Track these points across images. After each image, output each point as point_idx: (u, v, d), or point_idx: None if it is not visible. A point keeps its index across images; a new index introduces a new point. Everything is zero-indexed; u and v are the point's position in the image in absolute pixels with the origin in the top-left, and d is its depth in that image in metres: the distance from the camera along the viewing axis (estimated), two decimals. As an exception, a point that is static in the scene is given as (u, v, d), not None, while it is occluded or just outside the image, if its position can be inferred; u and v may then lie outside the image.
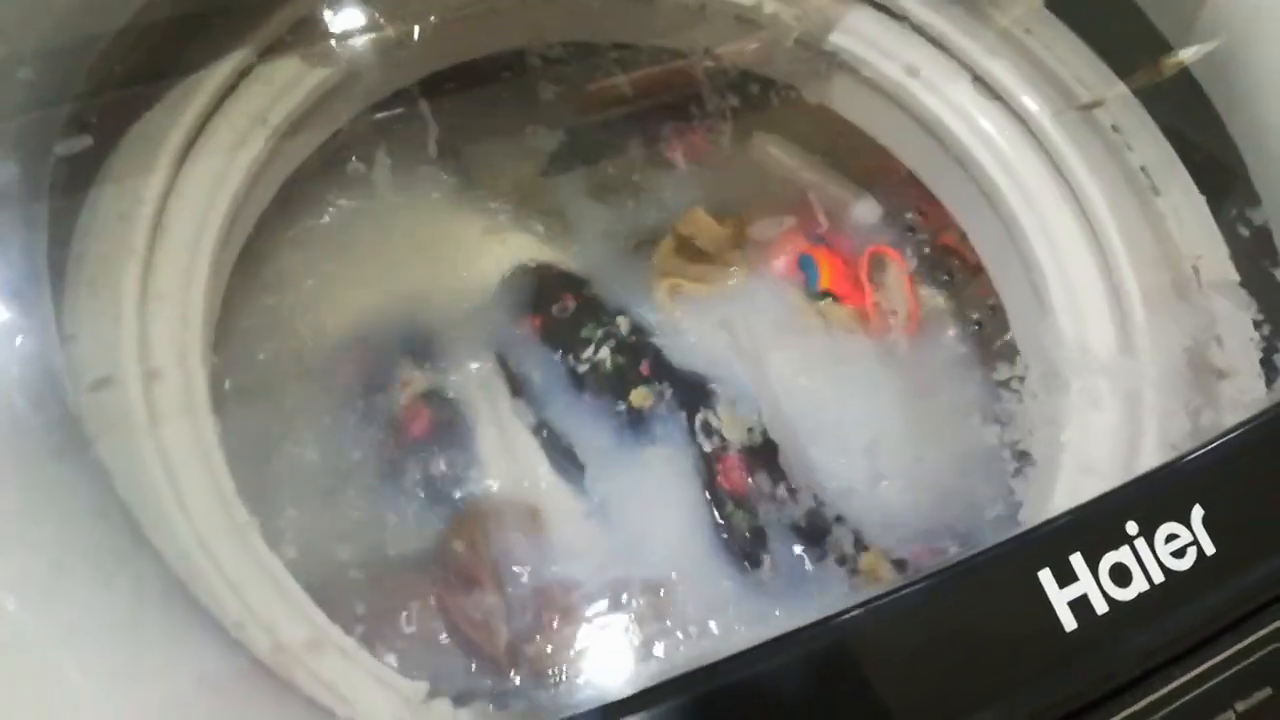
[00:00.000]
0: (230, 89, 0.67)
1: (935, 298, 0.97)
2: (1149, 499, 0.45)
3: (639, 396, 0.84)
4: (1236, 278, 0.75)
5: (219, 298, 0.68)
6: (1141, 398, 0.70)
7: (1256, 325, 0.72)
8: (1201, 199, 0.78)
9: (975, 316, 0.94)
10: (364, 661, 0.56)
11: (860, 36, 0.85)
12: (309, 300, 0.79)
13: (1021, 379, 0.81)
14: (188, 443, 0.59)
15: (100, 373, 0.58)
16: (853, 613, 0.41)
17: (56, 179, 0.59)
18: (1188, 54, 0.79)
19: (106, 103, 0.61)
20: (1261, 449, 0.48)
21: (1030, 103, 0.83)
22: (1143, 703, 0.41)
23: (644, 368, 0.86)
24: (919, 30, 0.85)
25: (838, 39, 0.85)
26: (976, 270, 0.91)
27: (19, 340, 0.50)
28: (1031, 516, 0.65)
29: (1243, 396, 0.67)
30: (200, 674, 0.44)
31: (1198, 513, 0.44)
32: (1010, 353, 0.85)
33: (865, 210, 1.00)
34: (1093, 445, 0.68)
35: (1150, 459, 0.61)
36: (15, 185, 0.53)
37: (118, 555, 0.46)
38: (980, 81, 0.84)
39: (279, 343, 0.75)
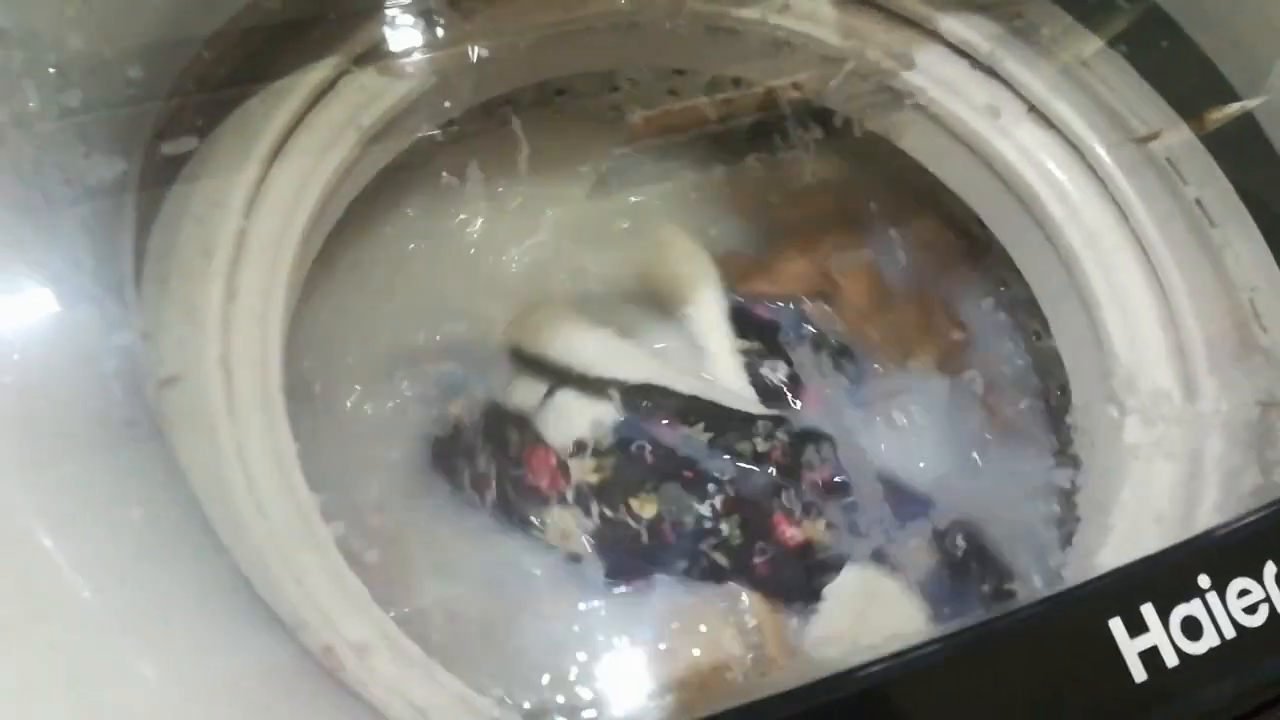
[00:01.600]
0: (321, 94, 0.69)
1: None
2: (1222, 553, 0.45)
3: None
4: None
5: (296, 298, 0.69)
6: (1206, 446, 0.71)
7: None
8: (1257, 232, 0.79)
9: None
10: (426, 667, 0.57)
11: (930, 75, 0.86)
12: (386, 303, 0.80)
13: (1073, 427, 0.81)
14: (262, 442, 0.61)
15: (174, 369, 0.60)
16: (921, 650, 0.42)
17: (146, 174, 0.60)
18: (1251, 103, 0.80)
19: (200, 102, 0.63)
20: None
21: (1086, 134, 0.84)
22: (1212, 758, 0.42)
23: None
24: (982, 67, 0.85)
25: (910, 77, 0.86)
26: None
27: (104, 331, 0.51)
28: (1085, 566, 0.65)
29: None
30: (259, 666, 0.45)
31: (1271, 569, 0.44)
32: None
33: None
34: (1155, 495, 0.68)
35: (1212, 511, 0.61)
36: (117, 180, 0.54)
37: (191, 546, 0.47)
38: (1037, 112, 0.85)
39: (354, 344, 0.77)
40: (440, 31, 0.73)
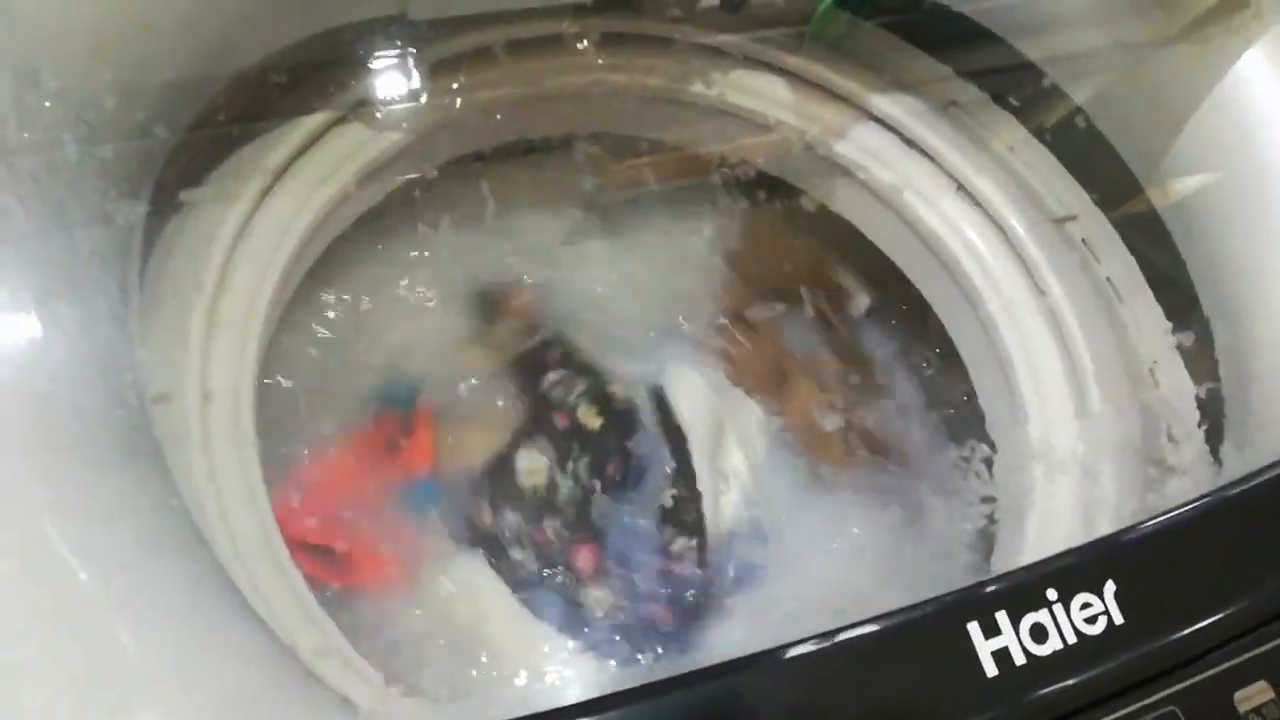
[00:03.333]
0: (310, 144, 0.76)
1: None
2: (1069, 570, 0.52)
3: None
4: (1190, 384, 0.83)
5: (271, 331, 0.76)
6: (1097, 482, 0.78)
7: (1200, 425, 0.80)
8: (1159, 310, 0.86)
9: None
10: (359, 667, 0.63)
11: (863, 147, 0.94)
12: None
13: (987, 461, 0.89)
14: (233, 459, 0.67)
15: (163, 388, 0.66)
16: (797, 647, 0.48)
17: (153, 210, 0.67)
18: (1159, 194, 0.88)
19: (201, 148, 0.69)
20: (1172, 537, 0.55)
21: (1010, 215, 0.92)
22: (1050, 748, 0.48)
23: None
24: (915, 145, 0.93)
25: (843, 148, 0.94)
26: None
27: (117, 349, 0.57)
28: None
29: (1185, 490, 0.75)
30: (242, 659, 0.51)
31: (1110, 587, 0.51)
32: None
33: (859, 303, 1.10)
34: (1050, 522, 0.76)
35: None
36: (127, 213, 0.60)
37: (183, 547, 0.53)
38: (965, 192, 0.93)
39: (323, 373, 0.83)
40: (421, 93, 0.80)
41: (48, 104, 0.52)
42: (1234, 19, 0.77)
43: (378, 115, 0.80)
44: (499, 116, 0.88)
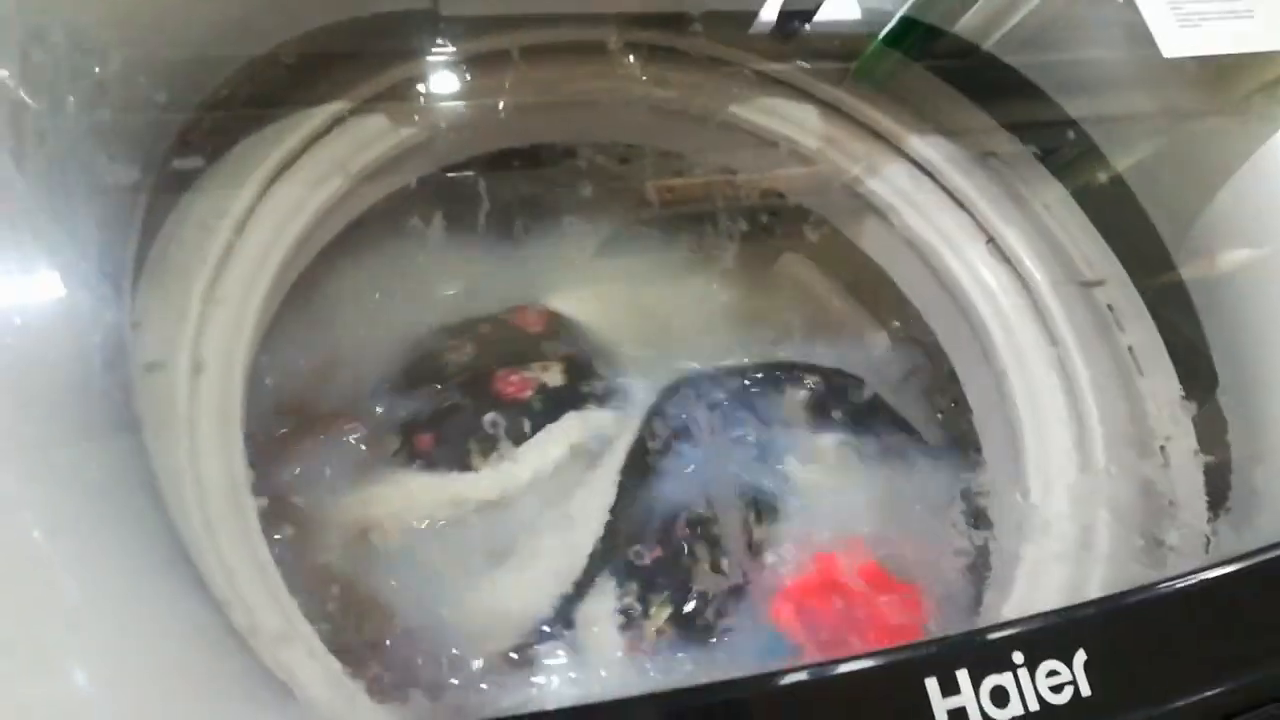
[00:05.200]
0: (323, 133, 0.76)
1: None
2: (1039, 634, 0.50)
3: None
4: (1200, 463, 0.80)
5: (272, 310, 0.76)
6: (1092, 557, 0.76)
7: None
8: (1176, 385, 0.84)
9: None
10: (323, 660, 0.62)
11: (897, 189, 0.93)
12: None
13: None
14: (216, 431, 0.66)
15: (156, 356, 0.66)
16: (749, 687, 0.47)
17: (159, 182, 0.67)
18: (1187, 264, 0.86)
19: (214, 123, 0.70)
20: (1151, 611, 0.53)
21: (1037, 271, 0.90)
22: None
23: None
24: (949, 191, 0.92)
25: (877, 186, 0.93)
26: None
27: (102, 314, 0.57)
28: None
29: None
30: (185, 632, 0.50)
31: (1080, 656, 0.49)
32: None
33: (876, 341, 1.08)
34: (1039, 581, 0.73)
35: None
36: (131, 183, 0.61)
37: (139, 517, 0.53)
38: (994, 244, 0.92)
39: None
40: (435, 93, 0.80)
41: (53, 67, 0.52)
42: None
43: (395, 109, 0.80)
44: (524, 119, 0.88)
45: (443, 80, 0.82)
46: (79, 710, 0.44)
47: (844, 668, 0.48)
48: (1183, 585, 0.54)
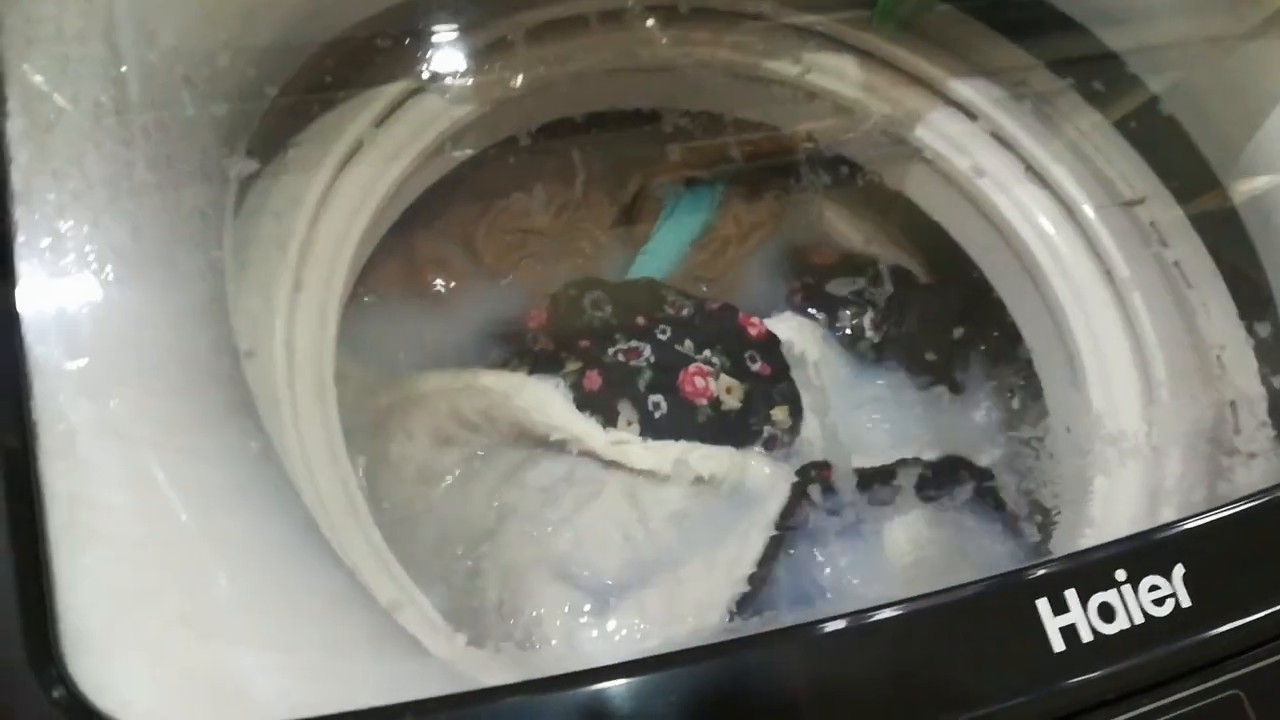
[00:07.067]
0: (389, 113, 0.78)
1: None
2: (1139, 552, 0.53)
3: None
4: (1258, 370, 0.82)
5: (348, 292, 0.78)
6: (1163, 466, 0.78)
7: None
8: (1228, 296, 0.86)
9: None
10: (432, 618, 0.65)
11: (939, 132, 0.94)
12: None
13: (1041, 439, 0.89)
14: (316, 415, 0.69)
15: (250, 344, 0.68)
16: (875, 614, 0.50)
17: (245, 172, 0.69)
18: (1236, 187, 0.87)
19: (287, 105, 0.71)
20: (1241, 525, 0.56)
21: (1079, 198, 0.91)
22: (1115, 722, 0.49)
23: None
24: (988, 129, 0.94)
25: (920, 132, 0.94)
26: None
27: (213, 299, 0.60)
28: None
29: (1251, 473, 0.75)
30: (328, 601, 0.53)
31: (1179, 570, 0.52)
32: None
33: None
34: (1114, 505, 0.76)
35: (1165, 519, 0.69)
36: (222, 174, 0.63)
37: (277, 492, 0.56)
38: (1033, 173, 0.93)
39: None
40: (492, 66, 0.82)
41: (160, 62, 0.54)
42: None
43: (453, 87, 0.82)
44: (573, 89, 0.90)
45: (494, 56, 0.83)
46: (244, 675, 0.47)
47: (959, 594, 0.50)
48: (1270, 498, 0.57)
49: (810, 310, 1.03)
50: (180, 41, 0.54)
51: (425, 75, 0.81)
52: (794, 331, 0.99)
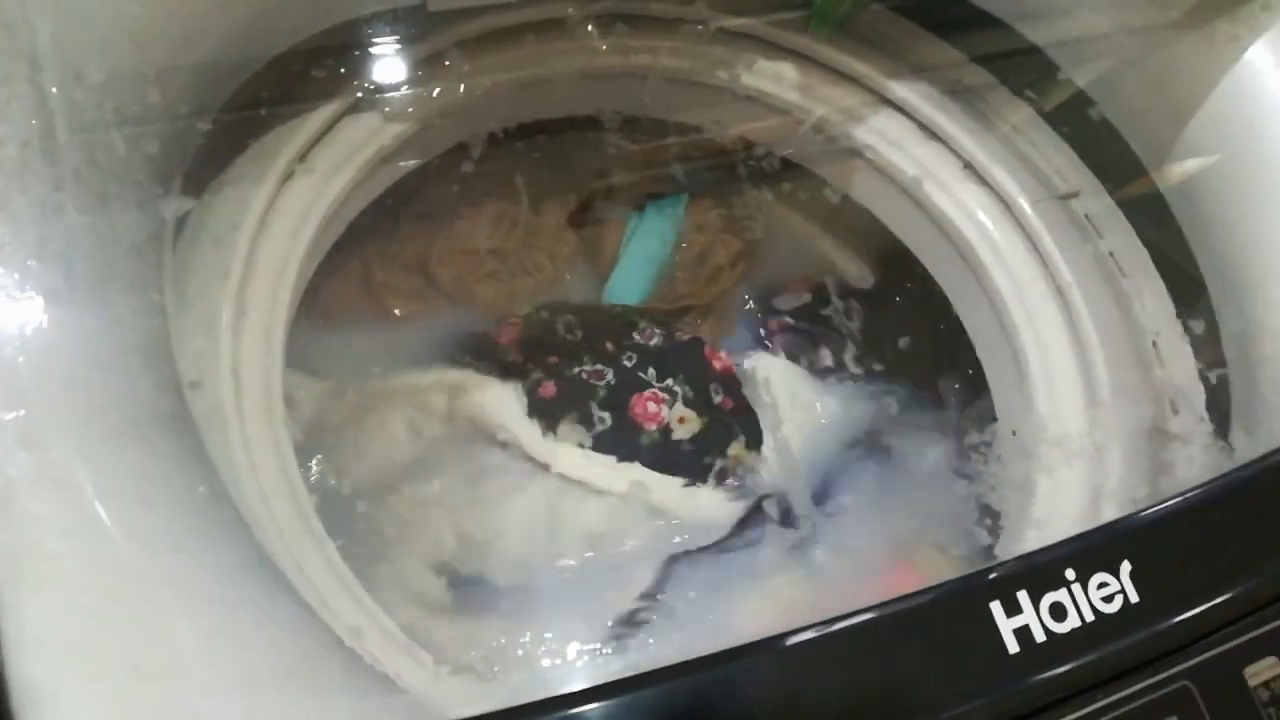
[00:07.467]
0: (324, 132, 0.77)
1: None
2: (1087, 551, 0.54)
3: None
4: (1192, 358, 0.84)
5: (294, 311, 0.77)
6: (1106, 468, 0.80)
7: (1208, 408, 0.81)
8: (1161, 285, 0.88)
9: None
10: (400, 642, 0.65)
11: (879, 133, 0.95)
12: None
13: (989, 444, 0.91)
14: (267, 441, 0.68)
15: (196, 375, 0.67)
16: (833, 625, 0.50)
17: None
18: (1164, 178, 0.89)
19: (219, 130, 0.70)
20: (1184, 520, 0.57)
21: (1016, 193, 0.93)
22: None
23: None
24: (926, 128, 0.95)
25: (858, 132, 0.95)
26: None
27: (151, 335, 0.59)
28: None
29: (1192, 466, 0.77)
30: (289, 640, 0.53)
31: (1126, 567, 0.53)
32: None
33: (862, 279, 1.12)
34: (1059, 503, 0.77)
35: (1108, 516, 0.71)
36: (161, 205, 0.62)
37: (227, 530, 0.55)
38: (971, 170, 0.95)
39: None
40: (429, 79, 0.81)
41: (88, 100, 0.52)
42: (1241, 10, 0.78)
43: (389, 102, 0.81)
44: (512, 99, 0.89)
45: (430, 70, 0.83)
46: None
47: (912, 601, 0.51)
48: (1210, 491, 0.59)
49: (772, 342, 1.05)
50: (108, 79, 0.53)
51: (362, 92, 0.80)
52: (761, 364, 1.00)
